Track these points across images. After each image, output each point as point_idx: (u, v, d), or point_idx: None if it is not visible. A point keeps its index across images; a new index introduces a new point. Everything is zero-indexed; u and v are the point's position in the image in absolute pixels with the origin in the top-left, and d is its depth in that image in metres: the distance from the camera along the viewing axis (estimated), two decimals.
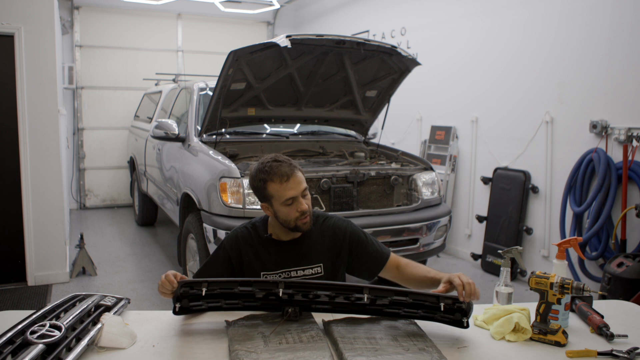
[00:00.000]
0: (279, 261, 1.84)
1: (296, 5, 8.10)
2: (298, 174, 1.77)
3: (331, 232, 1.88)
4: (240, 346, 1.45)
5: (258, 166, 1.80)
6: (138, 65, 7.53)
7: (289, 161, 1.79)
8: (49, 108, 4.07)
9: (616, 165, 3.65)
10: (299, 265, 1.84)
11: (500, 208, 4.64)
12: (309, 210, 1.79)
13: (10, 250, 4.10)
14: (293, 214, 1.76)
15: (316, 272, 1.86)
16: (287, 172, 1.75)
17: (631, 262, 3.25)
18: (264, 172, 1.77)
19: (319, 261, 1.85)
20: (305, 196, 1.78)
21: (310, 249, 1.86)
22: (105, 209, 7.46)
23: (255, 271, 1.83)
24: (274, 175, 1.75)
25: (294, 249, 1.85)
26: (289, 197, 1.74)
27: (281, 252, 1.85)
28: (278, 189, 1.75)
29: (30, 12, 3.95)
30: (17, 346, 1.29)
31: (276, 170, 1.75)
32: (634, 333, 1.63)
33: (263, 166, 1.78)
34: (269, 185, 1.76)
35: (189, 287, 1.56)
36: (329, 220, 1.92)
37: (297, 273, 1.84)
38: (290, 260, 1.84)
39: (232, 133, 4.20)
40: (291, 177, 1.75)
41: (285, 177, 1.74)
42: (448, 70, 5.29)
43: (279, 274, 1.83)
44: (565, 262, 1.86)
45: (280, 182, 1.74)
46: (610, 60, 3.73)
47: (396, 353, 1.45)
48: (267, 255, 1.84)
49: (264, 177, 1.76)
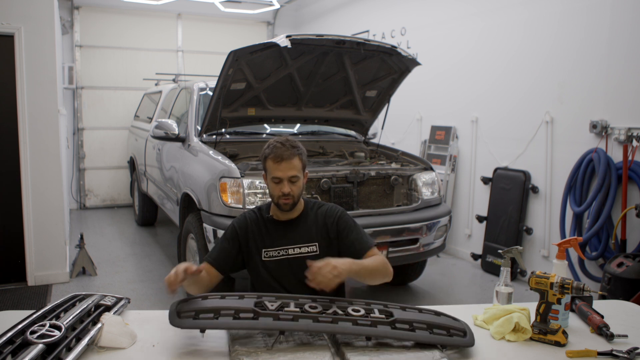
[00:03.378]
0: (278, 239, 2.02)
1: (296, 5, 8.10)
2: (293, 161, 1.96)
3: (324, 215, 2.06)
4: (240, 346, 1.45)
5: (270, 141, 2.01)
6: (138, 65, 7.53)
7: (292, 148, 1.97)
8: (49, 108, 4.07)
9: (616, 165, 3.65)
10: (296, 244, 2.01)
11: (500, 208, 4.64)
12: (291, 195, 1.96)
13: (10, 250, 4.10)
14: (276, 192, 1.97)
15: (312, 250, 2.01)
16: (284, 155, 1.94)
17: (631, 262, 3.25)
18: (268, 148, 1.99)
19: (313, 241, 2.02)
20: (294, 182, 1.96)
21: (306, 229, 2.04)
22: (105, 209, 7.46)
23: (257, 248, 2.02)
24: (272, 154, 1.96)
25: (291, 228, 2.04)
26: (275, 177, 1.96)
27: (279, 230, 2.04)
28: (271, 165, 1.96)
29: (30, 12, 3.95)
30: (17, 346, 1.29)
31: (276, 150, 1.95)
32: (634, 333, 1.63)
33: (272, 142, 1.99)
34: (267, 161, 1.98)
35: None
36: (323, 206, 2.10)
37: (294, 250, 2.01)
38: (288, 238, 2.02)
39: (232, 133, 4.20)
40: (284, 161, 1.94)
41: (279, 159, 1.94)
42: (448, 70, 5.29)
43: (277, 250, 2.01)
44: (565, 262, 1.86)
45: (274, 161, 1.95)
46: (610, 60, 3.73)
47: (397, 352, 1.46)
48: (267, 234, 2.03)
49: (266, 152, 1.99)
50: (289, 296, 1.64)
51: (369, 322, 1.51)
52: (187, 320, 1.47)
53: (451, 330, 1.53)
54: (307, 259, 1.89)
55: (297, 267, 1.93)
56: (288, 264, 1.99)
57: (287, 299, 1.60)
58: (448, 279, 4.63)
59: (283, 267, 2.00)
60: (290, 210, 2.00)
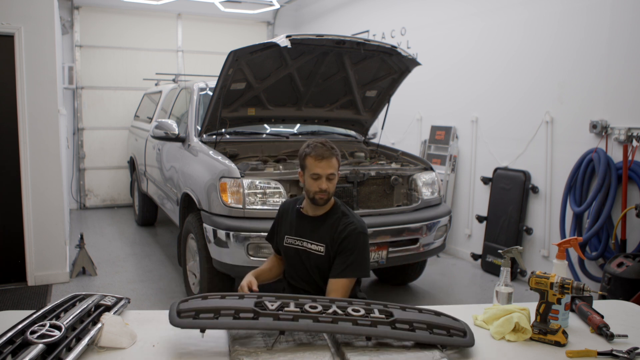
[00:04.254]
0: (299, 230, 2.26)
1: (296, 5, 8.10)
2: (332, 161, 2.17)
3: (340, 228, 2.20)
4: (240, 346, 1.45)
5: (309, 142, 2.23)
6: (138, 65, 7.53)
7: (331, 149, 2.19)
8: (49, 108, 4.07)
9: (616, 165, 3.65)
10: (310, 239, 2.23)
11: (500, 208, 4.64)
12: (327, 191, 2.16)
13: (10, 250, 4.10)
14: (314, 187, 2.16)
15: (319, 250, 2.21)
16: (324, 155, 2.16)
17: (631, 262, 3.25)
18: (309, 147, 2.20)
19: (323, 242, 2.20)
20: (330, 180, 2.16)
21: (321, 230, 2.22)
22: (105, 209, 7.46)
23: (284, 232, 2.31)
24: (313, 152, 2.17)
25: (312, 225, 2.24)
26: (315, 172, 2.15)
27: (302, 223, 2.27)
28: (312, 163, 2.16)
29: (30, 12, 3.95)
30: (17, 346, 1.29)
31: (317, 149, 2.17)
32: (634, 333, 1.63)
33: (311, 142, 2.21)
34: (307, 158, 2.18)
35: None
36: (348, 219, 2.23)
37: (306, 244, 2.24)
38: (306, 232, 2.25)
39: (232, 133, 4.19)
40: (324, 159, 2.15)
41: (320, 157, 2.15)
42: (448, 70, 5.29)
43: (294, 239, 2.26)
44: (565, 262, 1.86)
45: (315, 159, 2.16)
46: (610, 60, 3.73)
47: (397, 352, 1.46)
48: (293, 223, 2.29)
49: (307, 150, 2.19)
50: (289, 296, 1.64)
51: (369, 322, 1.51)
52: (187, 320, 1.47)
53: (451, 330, 1.53)
54: (314, 256, 2.21)
55: (306, 259, 2.23)
56: (299, 253, 2.25)
57: (287, 299, 1.60)
58: (448, 279, 4.63)
59: (295, 255, 2.26)
60: (323, 205, 2.20)
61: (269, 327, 1.49)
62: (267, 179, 3.30)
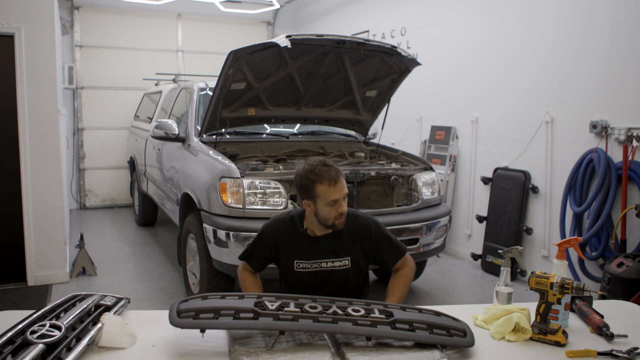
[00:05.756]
0: (312, 253, 2.08)
1: (296, 5, 8.10)
2: (342, 180, 1.99)
3: (360, 231, 2.11)
4: (240, 346, 1.45)
5: (307, 167, 2.00)
6: (138, 65, 7.53)
7: (335, 167, 1.99)
8: (49, 108, 4.07)
9: (616, 165, 3.65)
10: (329, 258, 2.08)
11: (500, 208, 4.64)
12: (346, 212, 2.02)
13: (10, 250, 4.10)
14: (333, 213, 1.98)
15: (344, 264, 2.09)
16: (335, 177, 1.96)
17: (631, 262, 3.25)
18: (314, 174, 1.96)
19: (347, 255, 2.09)
20: (345, 199, 2.00)
21: (341, 245, 2.09)
22: (105, 209, 7.46)
23: (289, 259, 2.09)
24: (324, 179, 1.95)
25: (326, 244, 2.08)
26: (333, 199, 1.95)
27: (314, 245, 2.08)
28: (326, 190, 1.95)
29: (30, 12, 3.95)
30: (17, 346, 1.29)
31: (326, 174, 1.95)
32: (634, 333, 1.63)
33: (313, 168, 1.98)
34: (317, 186, 1.96)
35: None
36: (358, 220, 2.13)
37: (327, 264, 2.09)
38: (322, 253, 2.08)
39: (232, 133, 4.19)
40: (338, 182, 1.96)
41: (333, 181, 1.95)
42: (448, 70, 5.29)
43: (310, 263, 2.08)
44: (565, 262, 1.86)
45: (329, 185, 1.95)
46: (610, 60, 3.73)
47: (397, 352, 1.46)
48: (301, 247, 2.09)
49: (313, 178, 1.96)
50: (289, 296, 1.64)
51: (369, 322, 1.51)
52: (187, 320, 1.47)
53: (451, 330, 1.53)
54: (340, 272, 2.09)
55: (330, 279, 2.09)
56: (317, 276, 2.09)
57: (287, 299, 1.60)
58: (448, 279, 4.63)
59: (315, 278, 2.10)
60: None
61: (269, 327, 1.49)
62: (267, 179, 3.30)
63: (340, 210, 1.98)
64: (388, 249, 2.16)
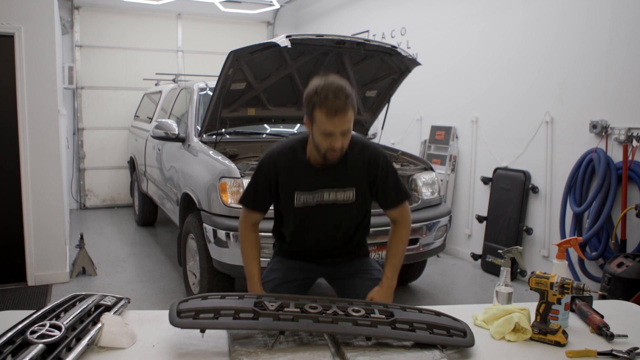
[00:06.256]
0: (314, 182, 1.93)
1: (296, 5, 8.10)
2: (347, 114, 1.77)
3: (366, 162, 1.96)
4: (240, 346, 1.45)
5: (317, 86, 1.79)
6: (138, 65, 7.53)
7: (346, 97, 1.76)
8: (49, 108, 4.07)
9: (616, 165, 3.65)
10: (331, 187, 1.93)
11: (500, 208, 4.64)
12: (341, 148, 1.83)
13: (10, 250, 4.10)
14: (325, 145, 1.81)
15: (348, 197, 1.94)
16: (338, 108, 1.74)
17: (631, 262, 3.25)
18: (317, 97, 1.76)
19: (352, 185, 1.94)
20: (344, 135, 1.81)
21: (345, 174, 1.94)
22: (105, 209, 7.46)
23: (289, 192, 1.93)
24: (324, 106, 1.75)
25: (329, 172, 1.93)
26: (328, 131, 1.78)
27: (317, 174, 1.93)
28: (323, 119, 1.76)
29: (30, 12, 3.95)
30: (17, 346, 1.29)
31: (329, 102, 1.74)
32: (634, 333, 1.63)
33: (321, 90, 1.77)
34: (316, 111, 1.77)
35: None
36: (366, 149, 1.98)
37: (329, 195, 1.93)
38: (325, 182, 1.93)
39: (232, 133, 4.20)
40: (338, 115, 1.75)
41: (333, 112, 1.74)
42: (448, 70, 5.29)
43: (312, 195, 1.93)
44: (565, 262, 1.86)
45: (327, 114, 1.75)
46: (610, 60, 3.73)
47: (397, 352, 1.46)
48: (302, 177, 1.93)
49: (315, 100, 1.77)
50: (289, 296, 1.64)
51: (369, 322, 1.51)
52: (187, 320, 1.47)
53: (451, 330, 1.53)
54: (344, 207, 1.94)
55: (330, 212, 1.95)
56: (320, 209, 1.94)
57: (287, 299, 1.60)
58: (448, 279, 4.63)
59: (314, 212, 1.95)
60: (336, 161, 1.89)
61: (269, 328, 1.49)
62: None
63: (333, 145, 1.80)
64: (393, 186, 2.01)
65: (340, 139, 1.80)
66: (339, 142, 1.80)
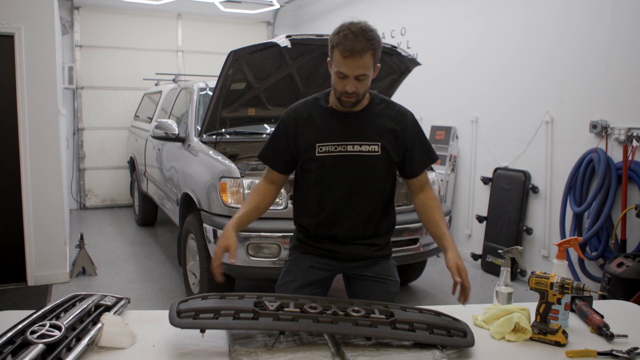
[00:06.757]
0: (336, 133, 1.81)
1: (296, 5, 8.10)
2: (364, 58, 1.67)
3: (393, 118, 1.86)
4: (240, 346, 1.45)
5: (343, 24, 1.73)
6: (138, 65, 7.53)
7: (367, 40, 1.67)
8: (49, 108, 4.07)
9: (616, 165, 3.65)
10: (355, 140, 1.81)
11: (500, 208, 4.64)
12: (355, 93, 1.74)
13: (10, 250, 4.10)
14: (339, 86, 1.74)
15: (373, 150, 1.81)
16: (354, 50, 1.65)
17: (631, 262, 3.25)
18: (338, 35, 1.69)
19: (376, 140, 1.82)
20: (361, 80, 1.72)
21: (370, 125, 1.83)
22: (105, 209, 7.46)
23: (310, 143, 1.83)
24: (341, 45, 1.67)
25: (353, 122, 1.82)
26: (341, 72, 1.70)
27: (339, 123, 1.82)
28: (338, 58, 1.69)
29: (30, 12, 3.95)
30: (17, 346, 1.29)
31: (346, 42, 1.65)
32: (634, 333, 1.63)
33: (342, 30, 1.70)
34: (334, 50, 1.70)
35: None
36: (393, 106, 1.90)
37: (353, 147, 1.80)
38: (348, 132, 1.81)
39: (232, 133, 4.20)
40: (353, 56, 1.66)
41: (349, 53, 1.65)
42: (448, 70, 5.29)
43: (334, 145, 1.80)
44: (565, 262, 1.86)
45: (342, 54, 1.67)
46: (610, 60, 3.73)
47: (397, 352, 1.46)
48: (323, 126, 1.83)
49: (334, 39, 1.70)
50: (288, 296, 1.64)
51: (369, 323, 1.51)
52: (187, 320, 1.47)
53: (451, 330, 1.53)
54: (367, 158, 1.81)
55: (357, 165, 1.81)
56: (340, 160, 1.81)
57: (287, 299, 1.60)
58: (448, 279, 4.61)
59: (340, 164, 1.82)
60: (352, 108, 1.80)
61: (269, 328, 1.49)
62: None
63: (346, 88, 1.71)
64: (420, 147, 1.88)
65: (354, 82, 1.71)
66: (352, 85, 1.71)
